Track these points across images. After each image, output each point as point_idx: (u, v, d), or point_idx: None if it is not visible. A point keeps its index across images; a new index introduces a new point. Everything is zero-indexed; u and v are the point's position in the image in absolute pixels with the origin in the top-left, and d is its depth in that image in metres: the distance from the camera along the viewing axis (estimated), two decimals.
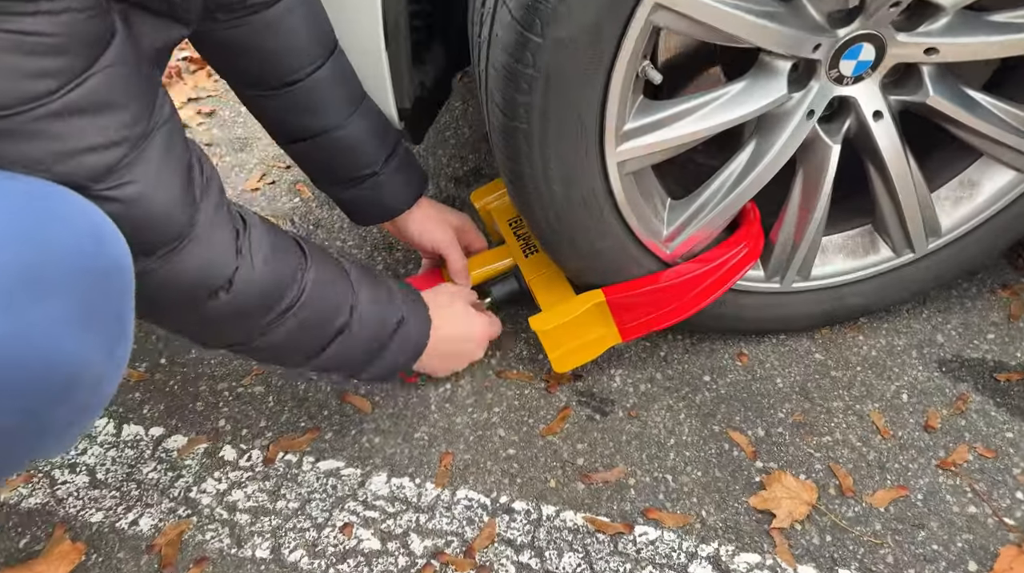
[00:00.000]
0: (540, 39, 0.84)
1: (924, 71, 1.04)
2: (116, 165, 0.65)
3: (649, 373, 1.23)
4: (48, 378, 0.57)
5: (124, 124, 0.66)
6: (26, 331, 0.54)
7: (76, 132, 0.62)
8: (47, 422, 0.60)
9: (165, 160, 0.70)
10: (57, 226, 0.58)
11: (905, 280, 1.24)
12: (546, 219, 1.02)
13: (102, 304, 0.60)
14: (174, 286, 0.75)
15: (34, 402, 0.57)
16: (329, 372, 1.00)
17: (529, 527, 1.03)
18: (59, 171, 0.61)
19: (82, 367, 0.59)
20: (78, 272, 0.58)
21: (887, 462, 1.10)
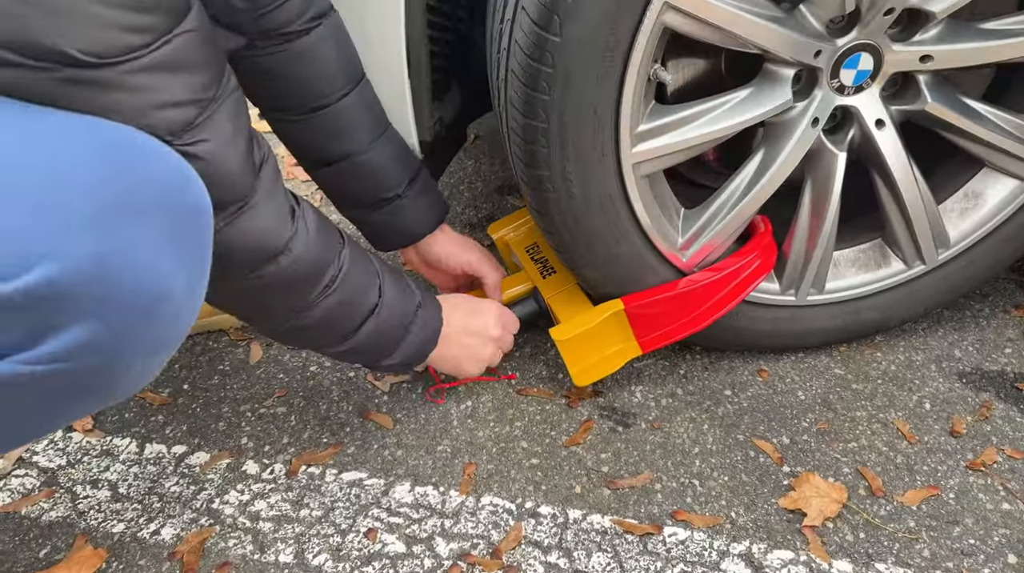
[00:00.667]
0: (558, 38, 0.89)
1: (921, 80, 1.09)
2: (192, 122, 0.69)
3: (670, 389, 1.23)
4: (138, 294, 0.60)
5: (201, 85, 0.70)
6: (122, 248, 0.58)
7: (160, 87, 0.66)
8: (129, 341, 0.61)
9: (233, 125, 0.74)
10: (151, 160, 0.62)
11: (919, 293, 1.26)
12: (564, 223, 1.05)
13: (189, 237, 0.64)
14: (238, 247, 0.78)
15: (126, 319, 0.60)
16: (361, 356, 1.00)
17: (556, 530, 1.01)
18: (142, 123, 0.65)
19: (168, 291, 0.62)
20: (169, 201, 0.62)
21: (915, 465, 1.09)
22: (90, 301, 0.57)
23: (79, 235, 0.56)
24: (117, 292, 0.58)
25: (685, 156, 1.06)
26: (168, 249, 0.61)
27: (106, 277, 0.57)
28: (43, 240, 0.55)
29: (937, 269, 1.24)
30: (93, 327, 0.59)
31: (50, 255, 0.55)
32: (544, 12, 0.88)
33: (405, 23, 1.09)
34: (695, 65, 1.15)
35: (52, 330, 0.58)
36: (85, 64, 0.60)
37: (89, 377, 0.62)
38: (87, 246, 0.56)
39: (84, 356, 0.60)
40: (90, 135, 0.61)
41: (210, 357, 1.32)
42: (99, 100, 0.63)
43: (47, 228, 0.55)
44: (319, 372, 1.28)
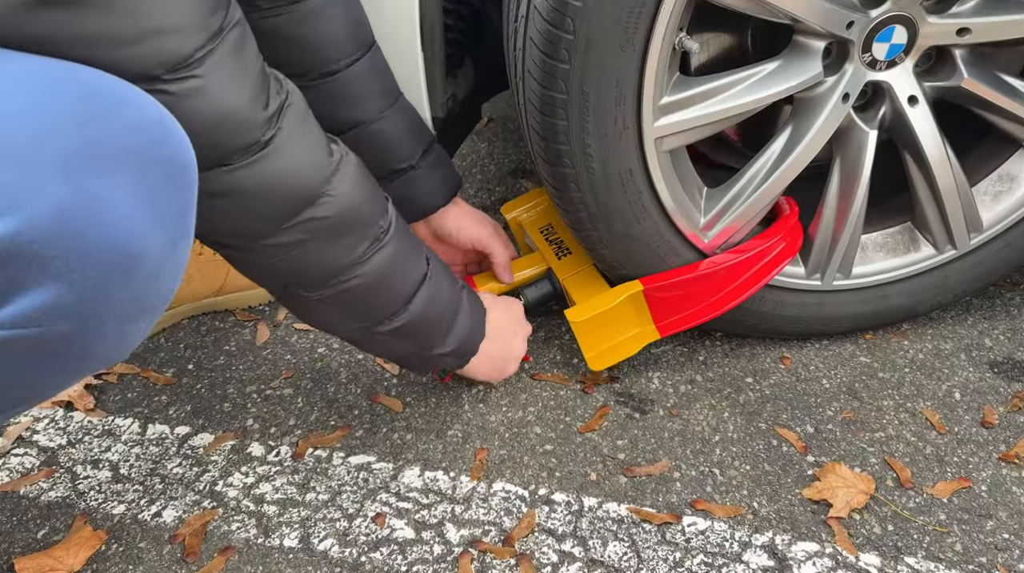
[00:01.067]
0: (580, 2, 0.85)
1: (957, 55, 1.04)
2: (191, 56, 0.63)
3: (689, 375, 1.19)
4: (107, 253, 0.55)
5: (202, 11, 0.64)
6: (89, 202, 0.53)
7: (153, 8, 0.60)
8: (102, 304, 0.57)
9: (237, 60, 0.68)
10: (124, 108, 0.57)
11: (950, 278, 1.21)
12: (582, 200, 1.01)
13: (166, 193, 0.59)
14: (267, 188, 0.73)
15: (94, 279, 0.55)
16: (413, 338, 0.94)
17: (570, 517, 0.97)
18: (136, 53, 0.60)
19: (143, 250, 0.57)
20: (142, 153, 0.57)
21: (945, 456, 1.05)
22: (55, 260, 0.53)
23: (42, 187, 0.52)
24: (83, 249, 0.54)
25: (709, 131, 1.02)
26: (141, 205, 0.57)
27: (71, 233, 0.53)
28: (3, 192, 0.51)
29: (969, 254, 1.20)
30: (59, 287, 0.54)
31: (11, 209, 0.51)
32: None
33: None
34: (720, 38, 1.11)
35: (15, 291, 0.54)
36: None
37: (59, 343, 0.58)
38: (51, 199, 0.52)
39: (51, 320, 0.56)
40: (59, 81, 0.56)
41: (216, 337, 1.29)
42: (80, 25, 0.57)
43: (8, 179, 0.51)
44: (327, 354, 1.25)
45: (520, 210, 1.36)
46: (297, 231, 0.77)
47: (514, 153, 1.86)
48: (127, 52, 0.60)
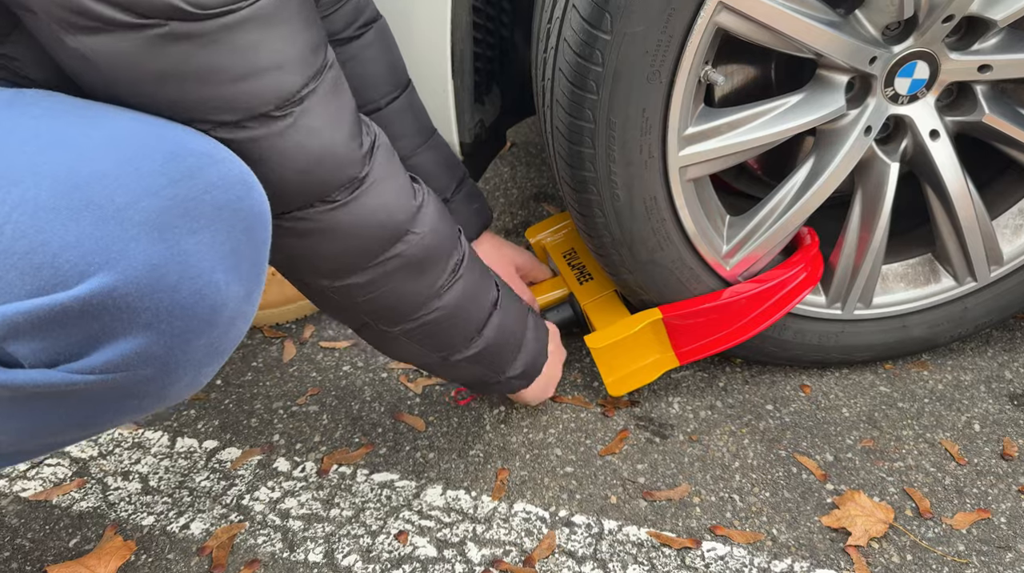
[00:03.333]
0: (608, 35, 0.88)
1: (978, 90, 1.06)
2: (297, 93, 0.66)
3: (709, 401, 1.20)
4: (195, 305, 0.58)
5: (307, 47, 0.66)
6: (181, 258, 0.56)
7: (261, 44, 0.62)
8: (184, 352, 0.60)
9: (336, 98, 0.71)
10: (212, 167, 0.60)
11: (970, 310, 1.22)
12: (607, 227, 1.03)
13: (246, 247, 0.61)
14: (364, 224, 0.76)
15: (180, 328, 0.58)
16: (487, 363, 0.97)
17: (591, 540, 0.99)
18: (248, 88, 0.63)
19: (224, 301, 0.60)
20: (228, 211, 0.59)
21: (965, 487, 1.05)
22: (146, 311, 0.56)
23: (137, 244, 0.55)
24: (173, 302, 0.57)
25: (733, 161, 1.04)
26: (224, 259, 0.59)
27: (163, 287, 0.56)
28: (101, 248, 0.54)
29: (989, 286, 1.21)
30: (148, 337, 0.57)
31: (108, 264, 0.54)
32: (595, 9, 0.86)
33: (451, 22, 1.09)
34: (744, 71, 1.13)
35: (107, 339, 0.56)
36: (189, 16, 0.58)
37: (140, 385, 0.60)
38: (145, 256, 0.55)
39: (137, 366, 0.58)
40: (151, 140, 0.59)
41: (243, 353, 1.31)
42: (194, 60, 0.60)
43: (105, 236, 0.54)
44: (352, 372, 1.27)
45: (544, 234, 1.38)
46: (382, 268, 0.80)
47: (536, 177, 1.88)
48: (240, 87, 0.63)
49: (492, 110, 1.35)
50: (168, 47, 0.59)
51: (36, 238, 0.53)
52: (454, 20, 1.08)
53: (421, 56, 1.14)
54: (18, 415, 0.61)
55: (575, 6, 0.89)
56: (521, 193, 1.85)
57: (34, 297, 0.53)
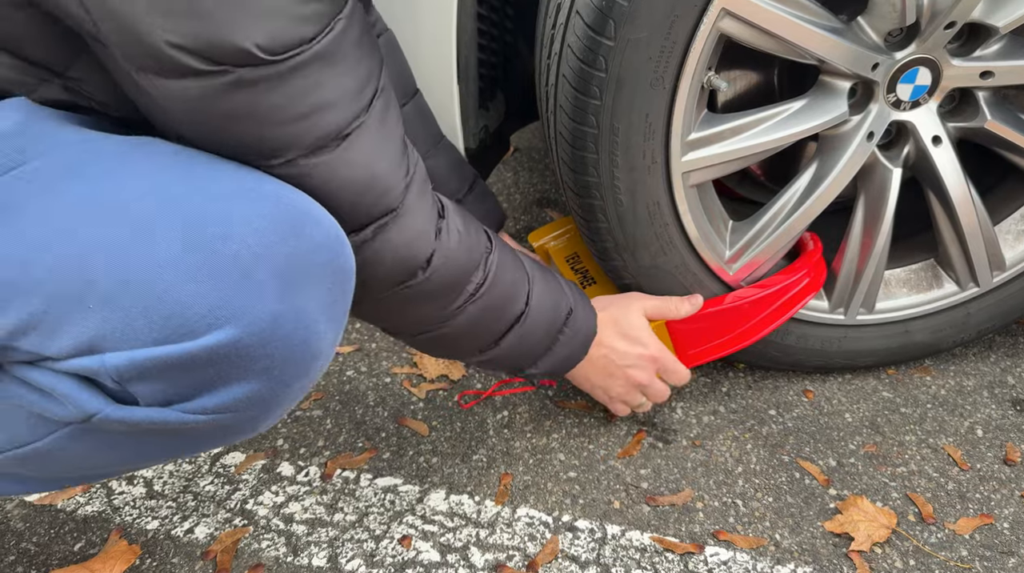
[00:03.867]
0: (612, 42, 0.88)
1: (980, 97, 1.06)
2: (347, 127, 0.66)
3: (712, 406, 1.20)
4: (303, 353, 0.61)
5: (361, 80, 0.67)
6: (296, 311, 0.60)
7: (319, 84, 0.63)
8: (286, 394, 0.63)
9: (382, 127, 0.71)
10: (316, 227, 0.62)
11: (972, 315, 1.22)
12: (610, 231, 1.04)
13: (340, 298, 0.65)
14: (385, 259, 0.75)
15: (288, 374, 0.62)
16: (500, 365, 0.96)
17: (594, 545, 0.99)
18: (301, 127, 0.64)
19: (322, 348, 0.64)
20: (330, 268, 0.63)
21: (967, 492, 1.05)
22: (264, 359, 0.59)
23: (262, 298, 0.58)
24: (286, 351, 0.60)
25: (736, 167, 1.04)
26: (326, 310, 0.63)
27: (280, 338, 0.59)
28: (229, 302, 0.57)
29: (991, 292, 1.21)
30: (260, 383, 0.60)
31: (235, 317, 0.57)
32: (599, 16, 0.87)
33: (456, 29, 1.09)
34: (747, 76, 1.13)
35: (222, 383, 0.59)
36: (258, 62, 0.59)
37: (240, 425, 0.64)
38: (268, 309, 0.58)
39: (245, 408, 0.62)
40: (259, 196, 0.61)
41: None
42: (258, 103, 0.61)
43: (233, 291, 0.57)
44: (355, 377, 1.27)
45: (547, 238, 1.38)
46: (395, 297, 0.81)
47: (539, 183, 1.89)
48: (294, 127, 0.63)
49: (496, 116, 1.36)
50: (235, 93, 0.60)
51: (165, 290, 0.56)
52: (459, 27, 1.09)
53: (427, 63, 1.15)
54: (122, 447, 0.65)
55: (579, 12, 0.89)
56: (524, 198, 1.85)
57: (161, 344, 0.56)
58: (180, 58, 0.57)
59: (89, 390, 0.60)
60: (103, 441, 0.64)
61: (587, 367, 1.03)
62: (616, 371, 1.04)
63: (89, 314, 0.56)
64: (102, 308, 0.56)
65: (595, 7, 0.87)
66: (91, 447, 0.65)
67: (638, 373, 1.05)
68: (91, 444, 0.65)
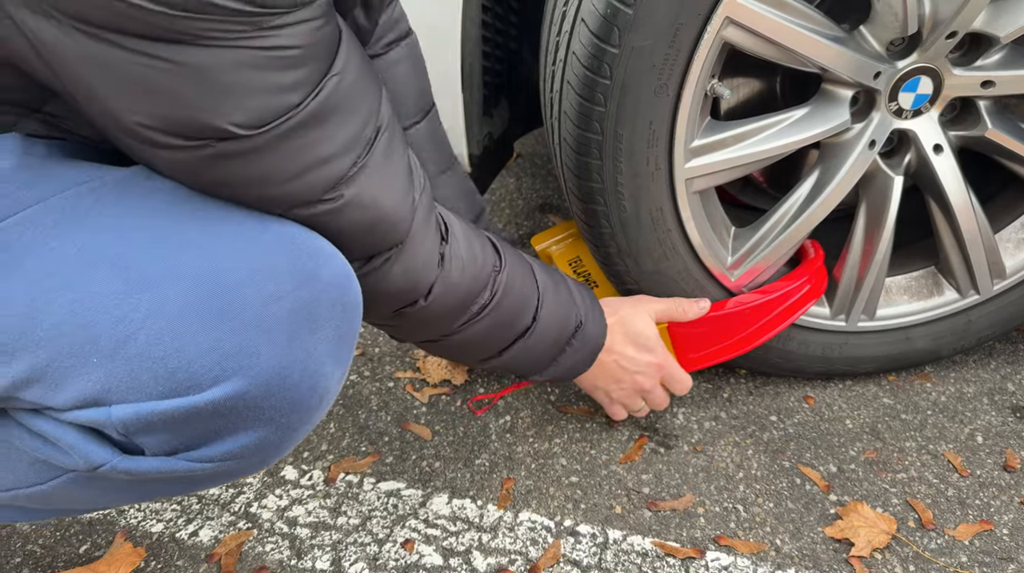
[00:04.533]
0: (616, 49, 0.89)
1: (981, 106, 1.07)
2: (345, 174, 0.64)
3: (713, 412, 1.21)
4: (310, 398, 0.61)
5: (360, 126, 0.64)
6: (303, 358, 0.59)
7: (312, 143, 0.61)
8: (291, 438, 0.63)
9: (387, 163, 0.68)
10: (327, 266, 0.62)
11: (973, 323, 1.23)
12: (614, 237, 1.04)
13: (348, 335, 0.64)
14: (381, 292, 0.75)
15: (296, 421, 0.61)
16: (503, 371, 0.97)
17: (595, 549, 0.99)
18: (297, 185, 0.62)
19: (328, 389, 0.63)
20: (339, 307, 0.62)
21: (967, 498, 1.06)
22: (270, 409, 0.59)
23: (268, 350, 0.57)
24: (293, 399, 0.60)
25: (738, 173, 1.05)
26: (334, 351, 0.62)
27: (287, 386, 0.59)
28: (235, 354, 0.56)
29: (992, 299, 1.21)
30: (267, 430, 0.60)
31: (242, 370, 0.56)
32: (604, 23, 0.88)
33: (461, 37, 1.10)
34: (750, 84, 1.14)
35: (229, 433, 0.59)
36: (239, 137, 0.57)
37: (246, 469, 0.64)
38: (276, 360, 0.58)
39: (251, 455, 0.62)
40: (272, 240, 0.60)
41: None
42: (249, 169, 0.59)
43: (240, 343, 0.56)
44: (358, 381, 1.28)
45: (549, 242, 1.39)
46: (397, 318, 0.81)
47: (542, 188, 1.90)
48: (289, 186, 0.62)
49: (500, 122, 1.37)
50: (221, 164, 0.59)
51: (171, 344, 0.55)
52: (464, 34, 1.10)
53: (431, 70, 1.15)
54: (126, 491, 0.66)
55: (584, 20, 0.90)
56: (527, 204, 1.86)
57: (167, 398, 0.56)
58: (155, 136, 0.56)
59: (96, 441, 0.59)
60: (108, 486, 0.64)
61: (595, 371, 1.03)
62: (623, 376, 1.05)
63: (94, 368, 0.56)
64: (106, 363, 0.55)
65: (600, 15, 0.88)
66: (96, 491, 0.65)
67: (644, 379, 1.06)
68: (96, 489, 0.65)
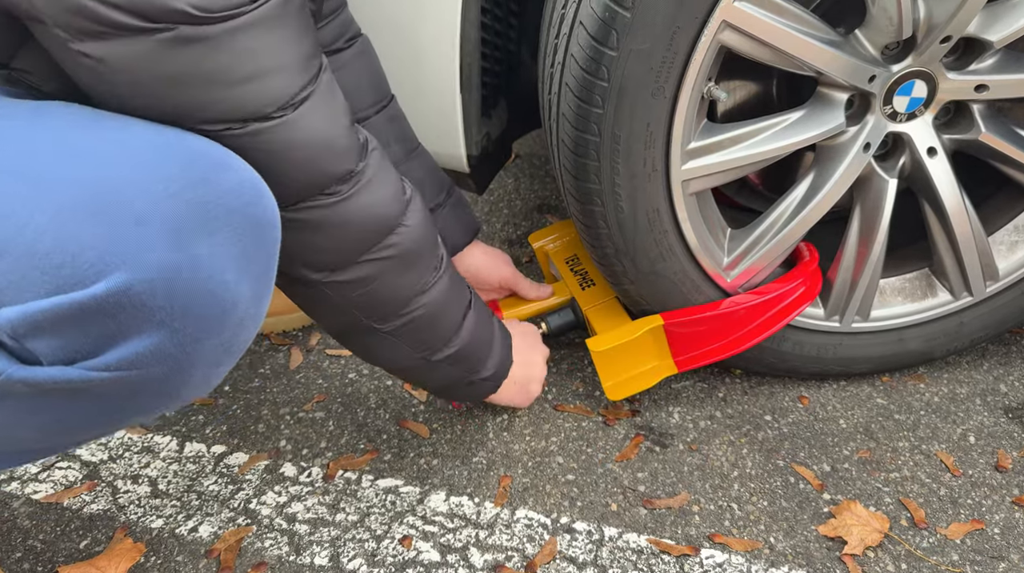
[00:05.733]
0: (615, 52, 0.90)
1: (975, 109, 1.08)
2: (297, 95, 0.69)
3: (708, 411, 1.22)
4: (207, 305, 0.60)
5: (304, 52, 0.70)
6: (194, 259, 0.59)
7: (263, 49, 0.65)
8: (196, 351, 0.62)
9: (333, 97, 0.75)
10: (226, 173, 0.63)
11: (966, 324, 1.24)
12: (611, 237, 1.06)
13: (256, 250, 0.64)
14: (363, 217, 0.79)
15: (192, 327, 0.60)
16: (463, 365, 0.99)
17: (591, 546, 1.00)
18: (249, 90, 0.66)
19: (234, 302, 0.62)
20: (239, 215, 0.62)
21: (959, 498, 1.07)
22: (160, 310, 0.58)
23: (154, 245, 0.57)
24: (186, 302, 0.59)
25: (734, 175, 1.06)
26: (235, 261, 0.62)
27: (177, 287, 0.58)
28: (119, 249, 0.56)
29: (985, 301, 1.23)
30: (161, 336, 0.59)
31: (125, 264, 0.56)
32: (602, 26, 0.89)
33: (460, 39, 1.11)
34: (746, 87, 1.15)
35: (122, 337, 0.59)
36: (196, 19, 0.60)
37: (152, 384, 0.63)
38: (161, 256, 0.57)
39: (150, 364, 0.60)
40: (168, 147, 0.61)
41: (251, 360, 1.33)
42: (203, 63, 0.63)
43: (123, 237, 0.56)
44: (357, 379, 1.29)
45: (547, 240, 1.40)
46: (377, 260, 0.83)
47: (540, 189, 1.91)
48: (244, 89, 0.65)
49: (498, 123, 1.38)
50: (177, 51, 0.62)
51: (56, 239, 0.55)
52: (463, 36, 1.11)
53: (431, 71, 1.17)
54: (37, 412, 0.63)
55: (582, 23, 0.91)
56: (524, 204, 1.87)
57: (54, 295, 0.56)
58: (112, 15, 0.58)
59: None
60: (20, 406, 0.63)
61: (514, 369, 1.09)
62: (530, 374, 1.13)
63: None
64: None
65: (598, 18, 0.89)
66: (11, 415, 0.63)
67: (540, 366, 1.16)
68: (9, 411, 0.63)
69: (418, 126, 1.18)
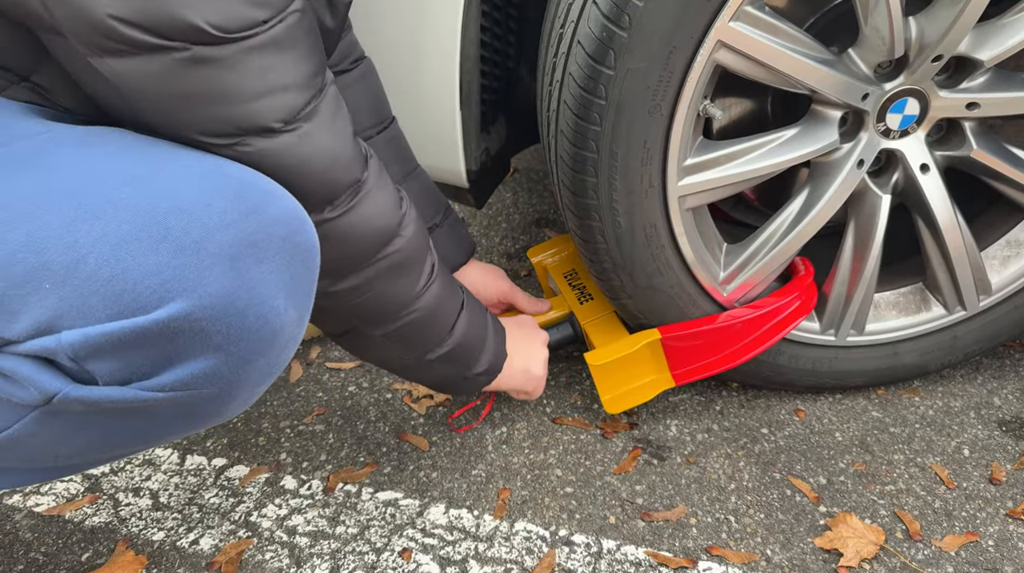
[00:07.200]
0: (612, 71, 0.92)
1: (966, 126, 1.10)
2: (303, 109, 0.71)
3: (705, 424, 1.23)
4: (260, 329, 0.63)
5: (308, 72, 0.72)
6: (249, 286, 0.61)
7: (273, 67, 0.67)
8: (246, 373, 0.64)
9: (338, 110, 0.77)
10: (274, 203, 0.65)
11: (960, 338, 1.25)
12: (608, 252, 1.07)
13: (301, 275, 0.67)
14: (363, 228, 0.81)
15: (245, 350, 0.63)
16: (456, 364, 1.01)
17: (590, 559, 1.01)
18: (257, 107, 0.68)
19: (282, 325, 0.65)
20: (288, 243, 0.65)
21: (954, 510, 1.08)
22: (217, 334, 0.61)
23: (212, 273, 0.59)
24: (241, 327, 0.61)
25: (730, 191, 1.08)
26: (285, 286, 0.64)
27: (233, 312, 0.61)
28: (179, 276, 0.58)
29: (978, 315, 1.24)
30: (216, 359, 0.62)
31: (185, 291, 0.58)
32: (600, 46, 0.90)
33: (460, 56, 1.13)
34: (741, 105, 1.17)
35: (178, 360, 0.61)
36: (211, 40, 0.62)
37: (202, 404, 0.65)
38: (220, 284, 0.60)
39: (203, 385, 0.63)
40: (219, 177, 0.63)
41: None
42: (216, 81, 0.64)
43: (183, 265, 0.58)
44: (357, 392, 1.30)
45: (545, 254, 1.42)
46: (375, 269, 0.85)
47: (538, 203, 1.92)
48: (254, 106, 0.67)
49: (497, 139, 1.39)
50: (192, 70, 0.64)
51: (118, 267, 0.57)
52: (463, 53, 1.12)
53: (431, 88, 1.18)
54: (87, 428, 0.66)
55: (580, 42, 0.93)
56: (523, 218, 1.88)
57: (115, 320, 0.58)
58: (130, 33, 0.60)
59: (49, 371, 0.60)
60: (69, 424, 0.65)
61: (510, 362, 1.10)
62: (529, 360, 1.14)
63: (47, 295, 0.57)
64: (58, 288, 0.57)
65: (596, 38, 0.90)
66: (58, 431, 0.65)
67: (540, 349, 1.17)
68: (58, 428, 0.65)
69: (418, 141, 1.20)
